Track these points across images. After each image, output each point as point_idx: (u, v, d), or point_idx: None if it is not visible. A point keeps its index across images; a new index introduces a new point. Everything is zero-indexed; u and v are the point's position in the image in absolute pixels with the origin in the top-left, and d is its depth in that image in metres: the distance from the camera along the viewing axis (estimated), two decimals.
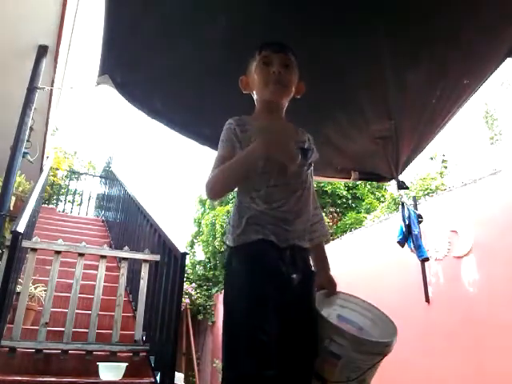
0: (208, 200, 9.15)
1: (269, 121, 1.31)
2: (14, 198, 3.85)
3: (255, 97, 1.37)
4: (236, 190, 1.27)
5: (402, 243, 3.49)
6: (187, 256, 3.09)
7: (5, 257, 2.71)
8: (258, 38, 1.34)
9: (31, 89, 3.53)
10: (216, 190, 1.23)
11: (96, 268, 3.29)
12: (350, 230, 6.07)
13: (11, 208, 3.62)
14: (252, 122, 1.29)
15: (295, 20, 1.60)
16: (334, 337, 1.12)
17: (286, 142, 1.17)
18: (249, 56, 1.37)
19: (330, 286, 1.34)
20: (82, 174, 9.65)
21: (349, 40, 1.68)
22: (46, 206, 7.39)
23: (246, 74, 1.39)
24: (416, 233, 3.46)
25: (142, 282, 3.32)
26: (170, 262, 3.10)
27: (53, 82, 4.11)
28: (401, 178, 2.58)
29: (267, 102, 1.33)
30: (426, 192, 5.43)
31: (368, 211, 6.96)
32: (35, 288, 3.36)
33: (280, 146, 1.15)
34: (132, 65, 1.98)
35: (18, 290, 3.05)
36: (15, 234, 2.73)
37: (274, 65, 1.30)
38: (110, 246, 5.15)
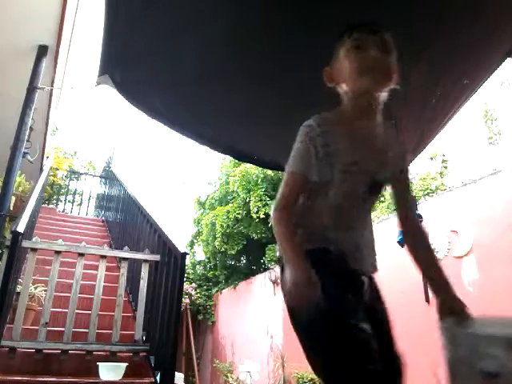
0: (207, 201, 9.15)
1: (360, 124, 1.12)
2: (13, 198, 3.85)
3: (344, 90, 1.15)
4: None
5: (401, 243, 3.48)
6: (187, 256, 3.09)
7: (5, 257, 2.71)
8: (258, 38, 1.34)
9: (31, 89, 3.53)
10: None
11: (96, 268, 3.29)
12: None
13: (11, 208, 3.62)
14: (336, 128, 1.10)
15: (295, 20, 1.60)
16: (488, 350, 0.92)
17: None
18: (334, 42, 1.19)
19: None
20: (82, 174, 9.66)
21: None
22: (46, 206, 7.39)
23: (332, 64, 1.19)
24: None
25: (141, 282, 3.32)
26: (170, 261, 3.10)
27: (53, 81, 4.10)
28: None
29: (361, 96, 1.11)
30: (425, 192, 5.43)
31: None
32: (35, 288, 3.36)
33: None
34: (132, 65, 1.98)
35: (18, 289, 3.05)
36: (15, 234, 2.73)
37: (369, 49, 1.09)
38: (110, 246, 5.15)
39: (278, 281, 6.46)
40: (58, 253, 3.10)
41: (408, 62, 1.78)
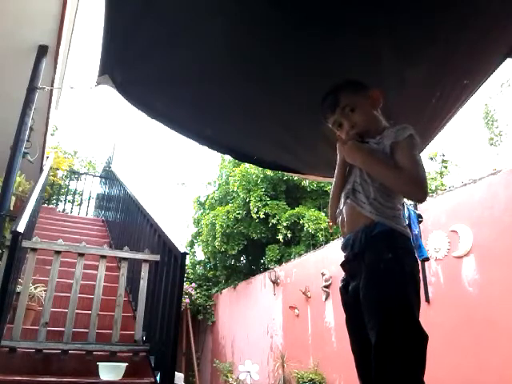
0: (207, 201, 9.15)
1: None
2: (13, 198, 3.85)
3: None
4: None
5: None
6: (187, 256, 3.09)
7: (5, 257, 2.71)
8: (257, 38, 1.34)
9: (31, 89, 3.53)
10: None
11: (96, 268, 3.29)
12: None
13: (11, 208, 3.61)
14: None
15: (295, 20, 1.60)
16: None
17: None
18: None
19: None
20: (82, 174, 9.67)
21: (349, 40, 1.68)
22: (46, 206, 7.40)
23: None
24: (416, 233, 3.46)
25: (141, 281, 3.32)
26: (170, 261, 3.10)
27: (53, 81, 4.10)
28: None
29: None
30: None
31: None
32: (35, 288, 3.36)
33: None
34: (132, 65, 1.97)
35: (18, 289, 3.05)
36: (15, 234, 2.73)
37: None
38: (110, 246, 5.15)
39: (278, 281, 6.46)
40: (58, 253, 3.10)
41: (408, 62, 1.79)
